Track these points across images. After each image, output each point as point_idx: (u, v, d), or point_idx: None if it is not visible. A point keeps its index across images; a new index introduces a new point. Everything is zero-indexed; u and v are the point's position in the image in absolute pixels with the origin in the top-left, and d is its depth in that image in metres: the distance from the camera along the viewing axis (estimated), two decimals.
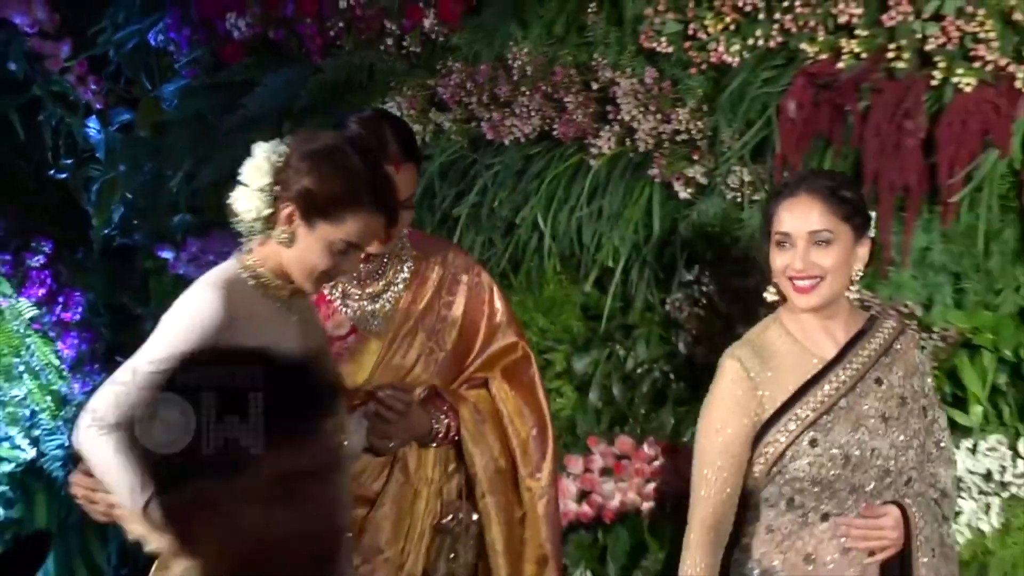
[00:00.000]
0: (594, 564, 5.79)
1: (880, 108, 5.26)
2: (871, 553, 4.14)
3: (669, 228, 5.73)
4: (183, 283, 6.66)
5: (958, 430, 5.18)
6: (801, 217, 4.13)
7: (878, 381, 4.19)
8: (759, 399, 4.18)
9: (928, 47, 5.19)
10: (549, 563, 4.58)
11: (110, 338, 7.26)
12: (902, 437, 4.16)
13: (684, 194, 5.61)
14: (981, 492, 5.11)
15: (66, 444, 7.27)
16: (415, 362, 4.48)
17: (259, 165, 3.83)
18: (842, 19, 5.32)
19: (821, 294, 4.14)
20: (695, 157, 5.59)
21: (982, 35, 5.10)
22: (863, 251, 4.19)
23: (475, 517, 4.50)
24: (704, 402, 4.28)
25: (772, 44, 5.47)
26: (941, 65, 5.15)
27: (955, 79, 5.12)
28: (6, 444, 7.33)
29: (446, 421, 4.45)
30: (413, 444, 4.42)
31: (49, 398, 7.27)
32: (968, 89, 5.11)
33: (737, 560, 4.26)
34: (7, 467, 7.29)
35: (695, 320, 5.54)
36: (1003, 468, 5.10)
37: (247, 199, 3.84)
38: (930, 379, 4.34)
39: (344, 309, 4.47)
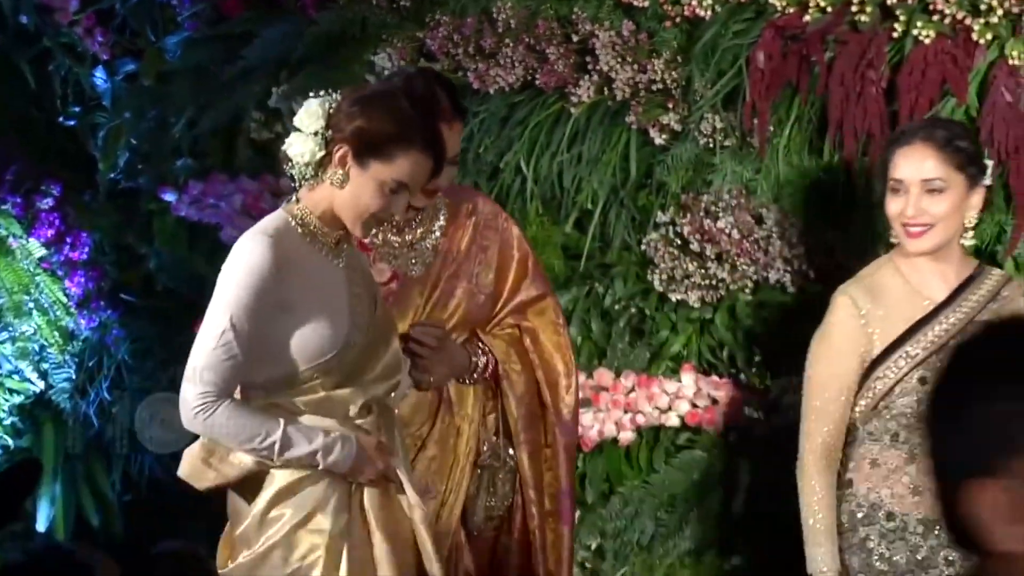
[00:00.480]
0: (577, 488, 5.85)
1: (844, 59, 5.35)
2: None
3: (645, 172, 5.86)
4: (185, 224, 6.85)
5: None
6: (915, 165, 4.12)
7: None
8: (868, 335, 4.18)
9: (890, 1, 5.28)
10: (564, 497, 4.63)
11: (116, 276, 7.35)
12: None
13: (659, 140, 5.75)
14: None
15: (72, 377, 7.44)
16: (458, 305, 4.49)
17: (313, 111, 3.84)
18: None
19: (932, 240, 4.13)
20: (670, 105, 5.72)
21: None
22: (976, 199, 4.17)
23: (511, 452, 4.51)
24: (815, 335, 4.31)
25: None
26: (902, 18, 5.24)
27: (915, 31, 5.20)
28: (16, 377, 7.43)
29: (484, 359, 4.46)
30: (454, 384, 4.46)
31: (57, 333, 7.35)
32: (927, 41, 5.19)
33: (841, 497, 4.23)
34: (17, 399, 7.40)
35: (669, 259, 5.63)
36: None
37: (301, 143, 3.84)
38: None
39: (385, 256, 4.44)
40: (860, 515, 4.15)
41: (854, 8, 5.32)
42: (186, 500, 6.52)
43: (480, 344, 4.49)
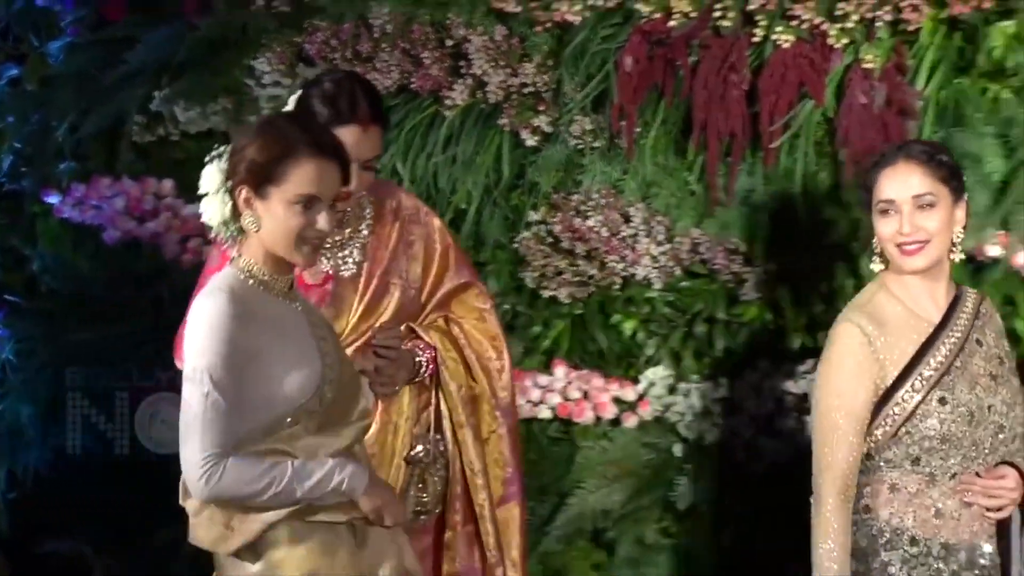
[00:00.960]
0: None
1: (708, 62, 5.47)
2: (990, 510, 4.04)
3: (517, 173, 5.96)
4: (68, 226, 6.83)
5: (780, 357, 5.50)
6: (903, 183, 4.04)
7: (978, 342, 4.09)
8: (881, 362, 4.06)
9: (750, 7, 5.41)
10: (513, 479, 4.62)
11: (1, 277, 7.24)
12: (1008, 394, 4.08)
13: (531, 142, 5.86)
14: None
15: None
16: (390, 301, 4.45)
17: (210, 172, 3.74)
18: None
19: (928, 255, 4.04)
20: (541, 108, 5.83)
21: None
22: (960, 213, 4.08)
23: (442, 448, 4.48)
24: (821, 369, 4.16)
25: (610, 4, 5.70)
26: (762, 24, 5.40)
27: (775, 36, 5.37)
28: None
29: (426, 355, 4.44)
30: None
31: None
32: (786, 45, 5.36)
33: (859, 522, 4.10)
34: None
35: (541, 257, 5.74)
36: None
37: (210, 206, 3.75)
38: (1004, 340, 4.20)
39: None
40: (883, 540, 4.07)
41: (716, 14, 5.47)
42: (72, 500, 6.59)
43: (419, 341, 4.47)
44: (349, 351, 4.24)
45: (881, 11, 5.29)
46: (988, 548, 4.05)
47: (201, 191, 3.75)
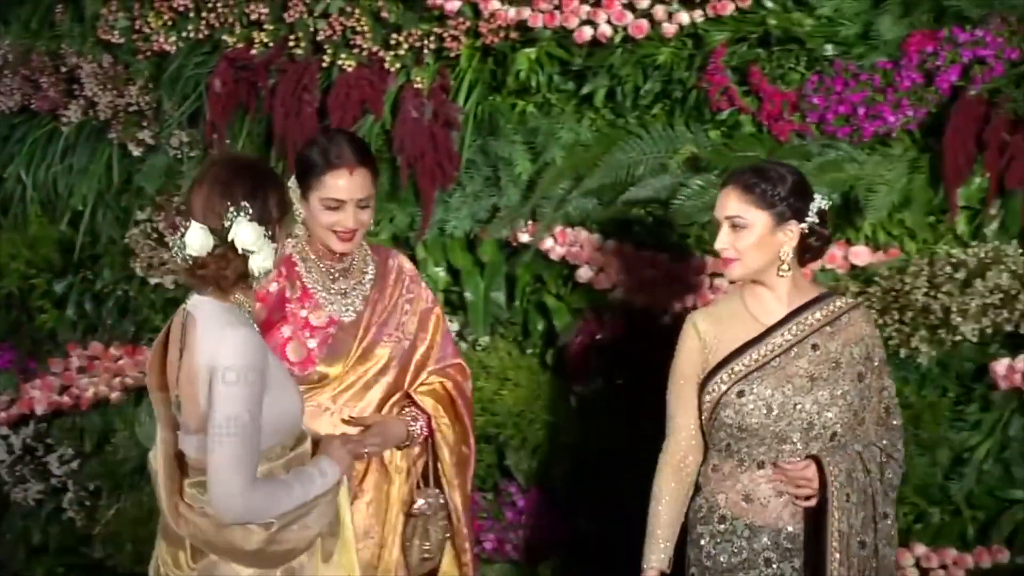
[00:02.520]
0: (77, 441, 6.37)
1: (284, 84, 5.87)
2: (799, 498, 4.05)
3: (126, 179, 6.34)
4: None
5: None
6: (721, 204, 4.07)
7: (814, 347, 4.07)
8: (705, 356, 4.12)
9: (319, 38, 5.84)
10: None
11: None
12: (827, 396, 4.03)
13: (137, 152, 6.26)
14: None
15: None
16: (385, 351, 4.38)
17: (249, 228, 3.44)
18: (254, 16, 5.98)
19: (735, 271, 4.08)
20: (144, 124, 6.22)
21: (358, 28, 5.77)
22: (783, 236, 4.04)
23: (442, 501, 4.41)
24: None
25: (201, 36, 6.11)
26: (329, 51, 5.83)
27: (340, 62, 5.81)
28: None
29: (419, 424, 4.39)
30: None
31: None
32: (350, 69, 5.79)
33: (692, 496, 4.20)
34: None
35: (148, 249, 6.07)
36: None
37: (267, 258, 3.54)
38: (878, 351, 4.16)
39: (323, 303, 4.31)
40: (700, 515, 4.15)
41: (291, 43, 5.89)
42: None
43: (413, 408, 4.41)
44: (346, 397, 4.32)
45: (427, 41, 5.73)
46: (791, 529, 4.08)
47: (251, 248, 3.50)
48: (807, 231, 4.08)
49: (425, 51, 5.79)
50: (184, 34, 6.16)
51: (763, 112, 5.43)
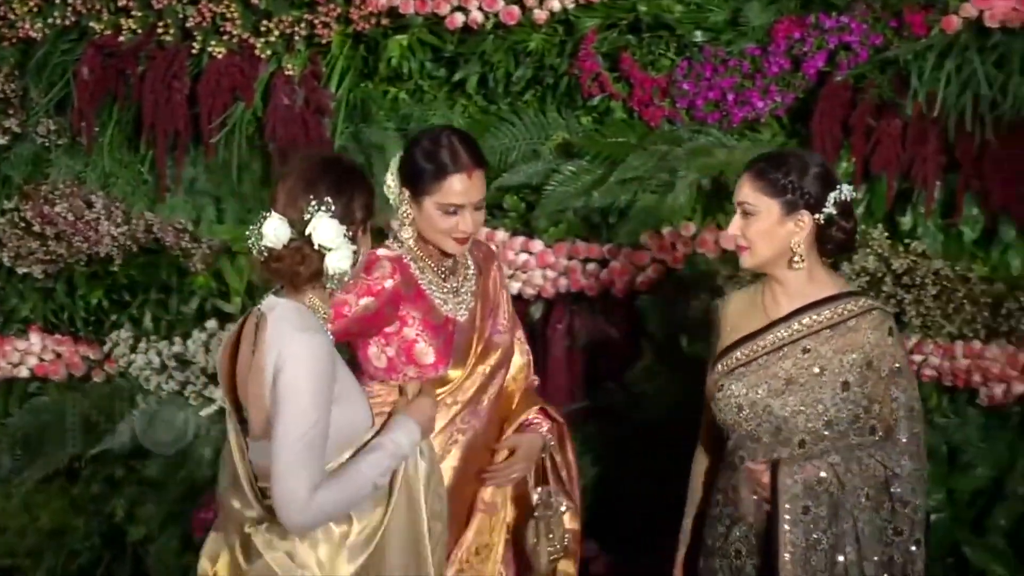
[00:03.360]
0: None
1: (153, 72, 5.80)
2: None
3: None
4: None
5: (224, 317, 5.80)
6: (736, 189, 3.90)
7: (805, 350, 3.87)
8: (721, 339, 4.03)
9: (189, 24, 5.76)
10: None
11: None
12: (797, 401, 3.84)
13: (3, 141, 6.13)
14: None
15: None
16: (499, 345, 4.19)
17: (330, 224, 3.28)
18: (121, 3, 5.89)
19: (745, 260, 3.90)
20: (11, 112, 6.09)
21: (228, 15, 5.71)
22: (794, 226, 3.82)
23: (558, 498, 4.22)
24: None
25: (68, 22, 5.97)
26: (199, 38, 5.76)
27: (210, 48, 5.74)
28: None
29: (547, 426, 4.27)
30: None
31: None
32: (220, 56, 5.73)
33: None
34: None
35: (16, 239, 5.95)
36: None
37: (345, 257, 3.35)
38: (887, 360, 3.84)
39: (439, 303, 4.08)
40: (713, 495, 4.07)
41: (160, 29, 5.80)
42: None
43: (543, 416, 4.27)
44: (467, 394, 4.11)
45: (298, 27, 5.68)
46: (761, 528, 3.92)
47: (329, 245, 3.30)
48: (823, 223, 3.82)
49: (296, 38, 5.74)
50: (51, 21, 6.04)
51: (634, 98, 5.41)
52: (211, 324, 5.88)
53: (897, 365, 3.85)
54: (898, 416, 3.85)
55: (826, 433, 3.83)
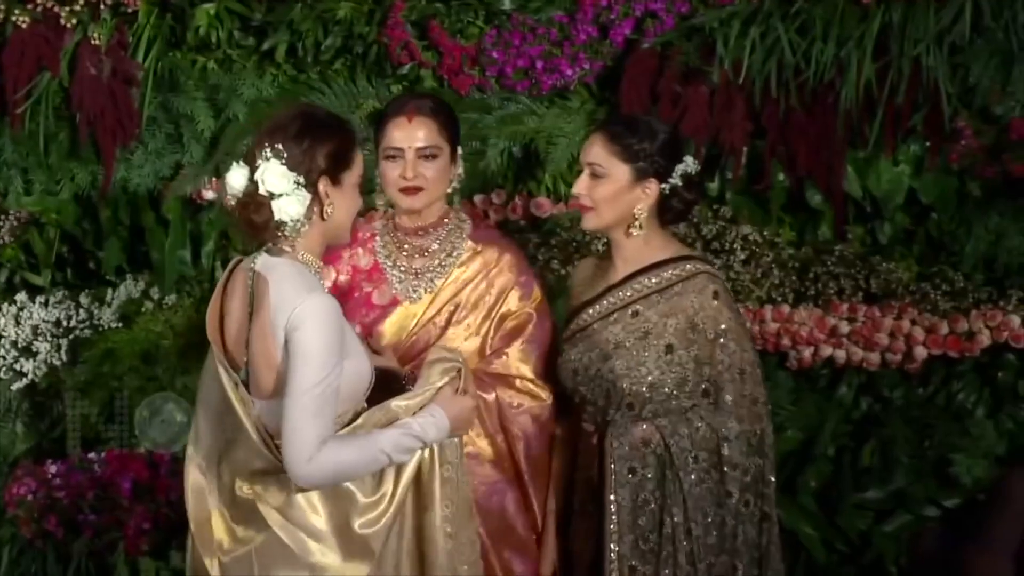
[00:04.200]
0: None
1: None
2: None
3: None
4: None
5: (34, 290, 5.74)
6: (585, 149, 3.90)
7: (635, 313, 3.86)
8: (574, 305, 4.04)
9: None
10: None
11: None
12: (623, 365, 3.83)
13: None
14: (54, 336, 5.67)
15: None
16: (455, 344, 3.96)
17: (278, 170, 3.33)
18: None
19: (589, 221, 3.90)
20: None
21: None
22: (641, 193, 3.82)
23: None
24: None
25: None
26: (2, 8, 5.53)
27: (14, 18, 5.53)
28: None
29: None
30: None
31: None
32: (24, 26, 5.53)
33: None
34: None
35: None
36: (69, 316, 5.66)
37: (291, 204, 3.35)
38: (710, 323, 3.80)
39: (392, 279, 4.04)
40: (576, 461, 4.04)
41: None
42: None
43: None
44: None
45: None
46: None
47: (271, 191, 3.32)
48: (667, 192, 3.84)
49: (102, 7, 5.59)
50: None
51: (443, 66, 5.32)
52: (21, 296, 5.79)
53: (723, 326, 3.82)
54: (723, 379, 3.83)
55: (649, 395, 3.83)
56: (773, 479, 3.86)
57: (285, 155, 3.34)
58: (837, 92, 4.94)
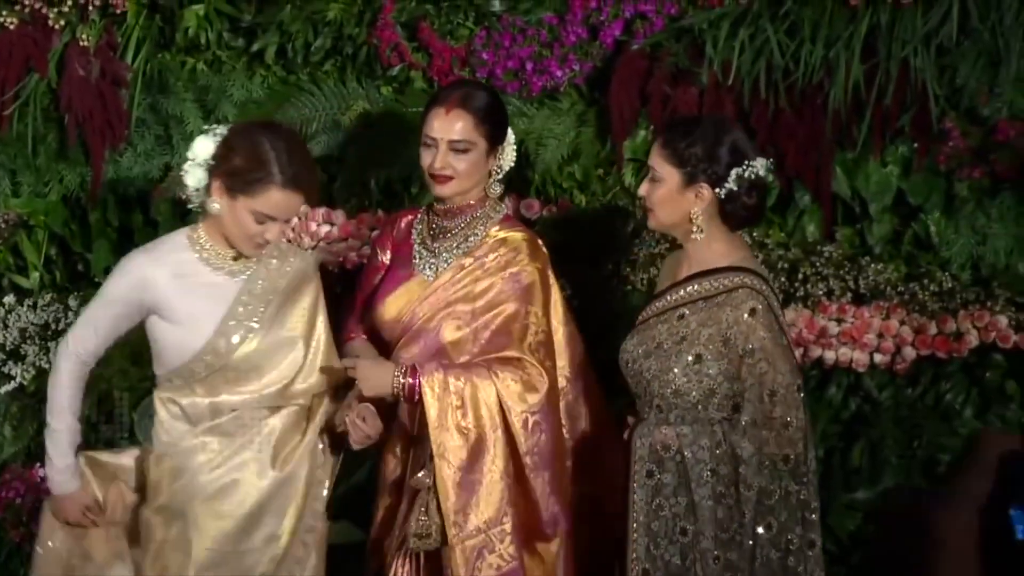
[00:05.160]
0: None
1: None
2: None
3: None
4: None
5: (22, 292, 5.67)
6: (649, 152, 3.95)
7: (680, 316, 3.88)
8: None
9: None
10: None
11: None
12: (656, 367, 3.86)
13: None
14: (42, 339, 5.59)
15: None
16: (448, 330, 4.10)
17: (204, 144, 3.93)
18: None
19: (650, 221, 3.97)
20: None
21: None
22: (693, 197, 3.86)
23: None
24: None
25: None
26: None
27: (1, 19, 5.50)
28: None
29: (409, 378, 4.03)
30: None
31: None
32: (12, 27, 5.50)
33: None
34: None
35: None
36: (57, 320, 5.57)
37: (194, 172, 3.94)
38: (741, 339, 3.79)
39: (415, 255, 4.21)
40: None
41: None
42: None
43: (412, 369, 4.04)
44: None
45: None
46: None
47: (189, 155, 3.96)
48: (724, 197, 3.85)
49: (90, 8, 5.57)
50: None
51: (433, 67, 5.30)
52: (9, 299, 5.73)
53: (751, 346, 3.79)
54: (745, 398, 3.80)
55: (675, 401, 3.86)
56: (816, 504, 3.82)
57: (220, 137, 3.91)
58: (826, 93, 4.93)
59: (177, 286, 3.94)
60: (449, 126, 4.06)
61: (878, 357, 4.95)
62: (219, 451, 3.97)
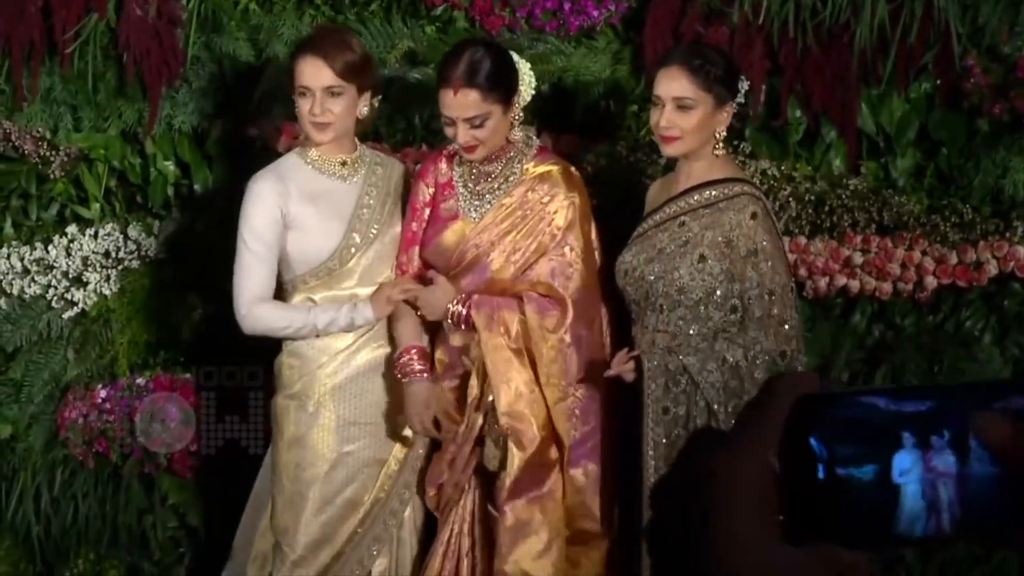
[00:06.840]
0: None
1: None
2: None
3: None
4: None
5: (84, 222, 5.78)
6: (667, 85, 4.05)
7: (681, 224, 4.04)
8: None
9: None
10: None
11: None
12: (660, 268, 4.01)
13: None
14: (103, 267, 5.69)
15: None
16: (498, 265, 4.25)
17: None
18: None
19: (675, 148, 4.06)
20: None
21: None
22: (722, 116, 4.05)
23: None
24: None
25: None
26: None
27: None
28: None
29: (464, 313, 4.31)
30: None
31: None
32: None
33: None
34: None
35: None
36: (117, 248, 5.69)
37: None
38: (744, 241, 3.99)
39: (460, 195, 4.33)
40: None
41: None
42: None
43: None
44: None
45: None
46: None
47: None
48: (736, 111, 4.14)
49: None
50: None
51: (475, 7, 5.40)
52: (71, 229, 5.81)
53: (755, 247, 3.97)
54: (752, 296, 3.97)
55: (678, 299, 4.01)
56: None
57: None
58: (852, 32, 5.00)
59: (302, 197, 4.28)
60: (461, 105, 4.13)
61: (901, 286, 5.05)
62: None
